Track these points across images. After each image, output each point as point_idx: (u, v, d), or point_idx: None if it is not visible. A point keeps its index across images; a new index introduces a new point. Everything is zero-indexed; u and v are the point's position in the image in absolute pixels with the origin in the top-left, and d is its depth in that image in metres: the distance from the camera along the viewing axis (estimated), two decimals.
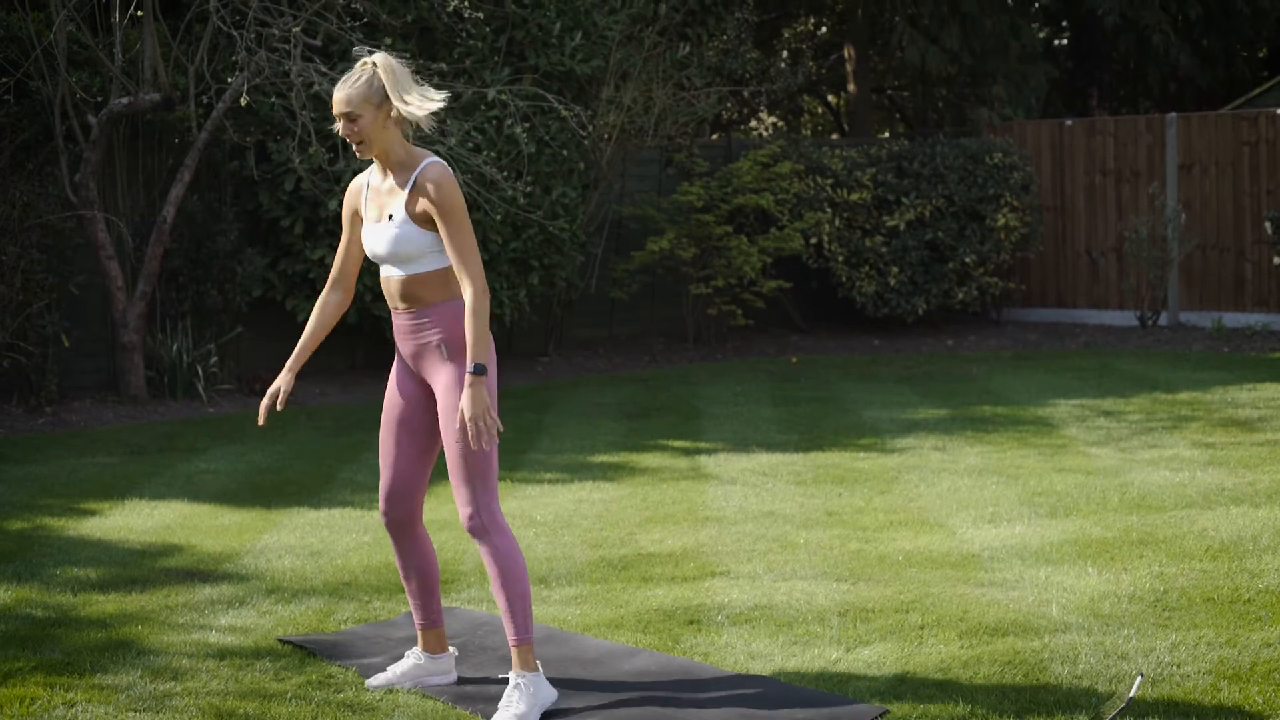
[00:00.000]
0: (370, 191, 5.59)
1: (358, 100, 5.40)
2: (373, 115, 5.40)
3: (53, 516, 8.78)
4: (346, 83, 5.44)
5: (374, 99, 5.40)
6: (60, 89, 12.65)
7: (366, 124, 5.41)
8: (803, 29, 25.90)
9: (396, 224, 5.44)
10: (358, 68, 5.47)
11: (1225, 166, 17.52)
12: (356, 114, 5.40)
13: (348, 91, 5.41)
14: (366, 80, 5.42)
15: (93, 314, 13.34)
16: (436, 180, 5.38)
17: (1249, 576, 6.78)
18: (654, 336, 17.52)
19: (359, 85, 5.41)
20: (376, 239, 5.51)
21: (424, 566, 5.75)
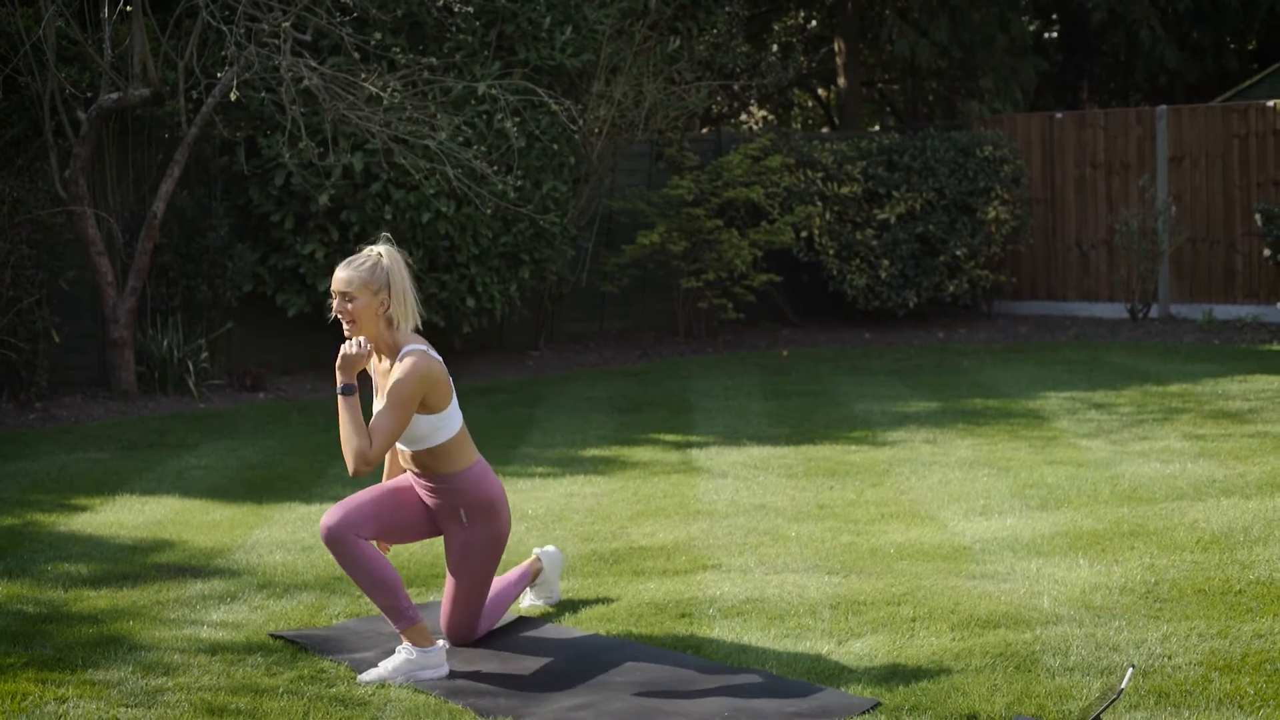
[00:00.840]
0: (375, 373, 5.91)
1: (358, 284, 5.69)
2: (368, 300, 5.70)
3: (43, 512, 8.76)
4: (350, 264, 5.72)
5: (373, 286, 5.70)
6: (49, 84, 12.63)
7: (360, 307, 5.70)
8: (793, 22, 25.89)
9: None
10: (364, 253, 5.77)
11: (1215, 159, 17.53)
12: (354, 295, 5.69)
13: (349, 273, 5.70)
14: (370, 267, 5.72)
15: (83, 309, 13.32)
16: (402, 365, 5.68)
17: (1240, 568, 6.79)
18: (645, 330, 17.52)
19: (362, 270, 5.73)
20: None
21: (377, 571, 5.76)
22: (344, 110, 12.72)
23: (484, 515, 5.87)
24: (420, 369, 5.66)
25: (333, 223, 13.65)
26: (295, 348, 14.59)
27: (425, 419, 5.73)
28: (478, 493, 5.84)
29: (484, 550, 5.91)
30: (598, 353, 16.25)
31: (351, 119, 12.79)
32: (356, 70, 13.06)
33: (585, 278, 16.61)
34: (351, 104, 12.73)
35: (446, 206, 13.66)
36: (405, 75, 13.38)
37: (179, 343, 13.30)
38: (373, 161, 13.39)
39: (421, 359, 5.69)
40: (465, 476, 5.82)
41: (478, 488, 5.84)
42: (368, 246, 5.83)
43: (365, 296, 5.68)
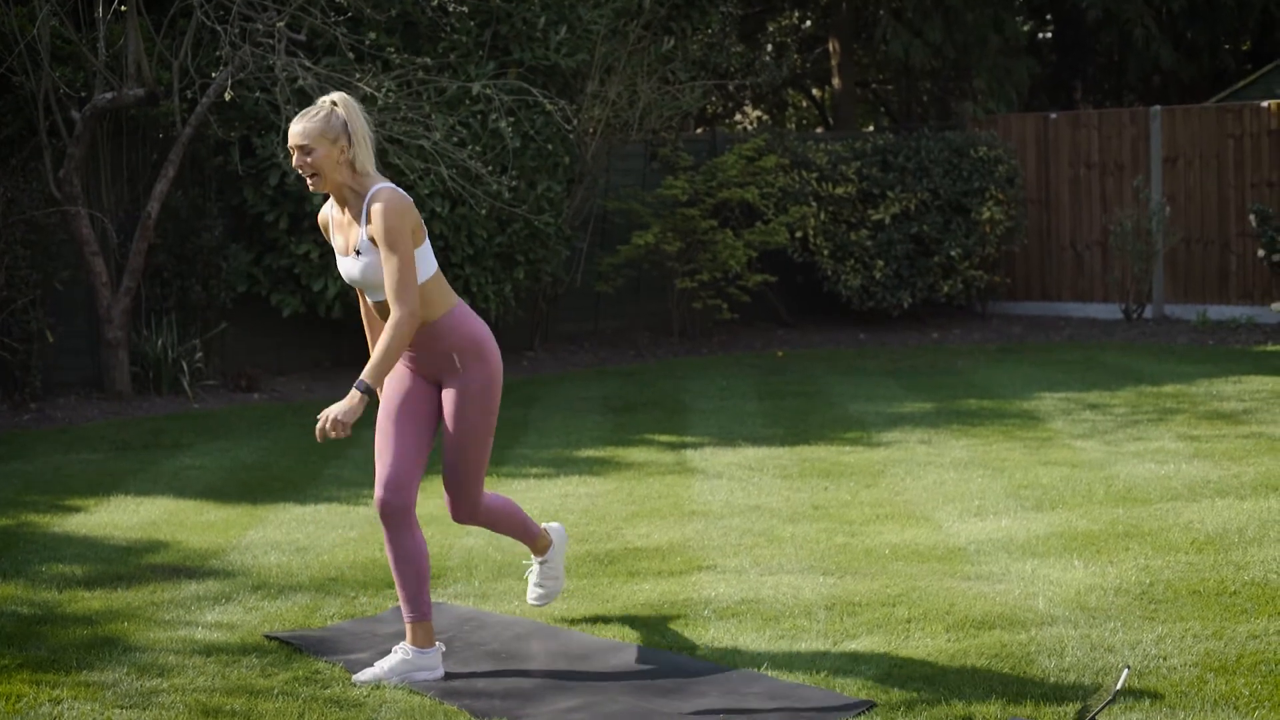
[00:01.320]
0: (333, 224, 5.76)
1: (314, 134, 5.55)
2: (327, 150, 5.57)
3: (38, 513, 8.76)
4: (304, 117, 5.59)
5: (330, 134, 5.57)
6: (44, 84, 12.62)
7: (320, 157, 5.56)
8: (787, 22, 25.90)
9: (364, 255, 5.64)
10: (316, 104, 5.65)
11: (1210, 159, 17.54)
12: (311, 147, 5.56)
13: (304, 125, 5.57)
14: (325, 115, 5.58)
15: (77, 310, 13.31)
16: (377, 209, 5.53)
17: (1235, 569, 6.80)
18: (639, 331, 17.52)
19: (316, 120, 5.58)
20: (350, 270, 5.71)
21: (417, 558, 5.74)
22: None
23: (475, 356, 5.70)
24: (398, 203, 5.53)
25: None
26: (290, 348, 14.59)
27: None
28: (464, 332, 5.69)
29: (480, 397, 5.73)
30: (592, 353, 16.25)
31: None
32: (351, 70, 13.05)
33: (580, 278, 16.61)
34: None
35: (441, 207, 13.65)
36: (400, 75, 13.38)
37: (173, 343, 13.29)
38: None
39: (394, 194, 5.56)
40: (449, 319, 5.67)
41: (463, 327, 5.69)
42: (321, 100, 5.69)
43: (324, 146, 5.55)
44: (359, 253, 5.61)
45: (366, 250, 5.59)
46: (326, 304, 13.81)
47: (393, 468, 5.67)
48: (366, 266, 5.61)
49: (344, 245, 5.70)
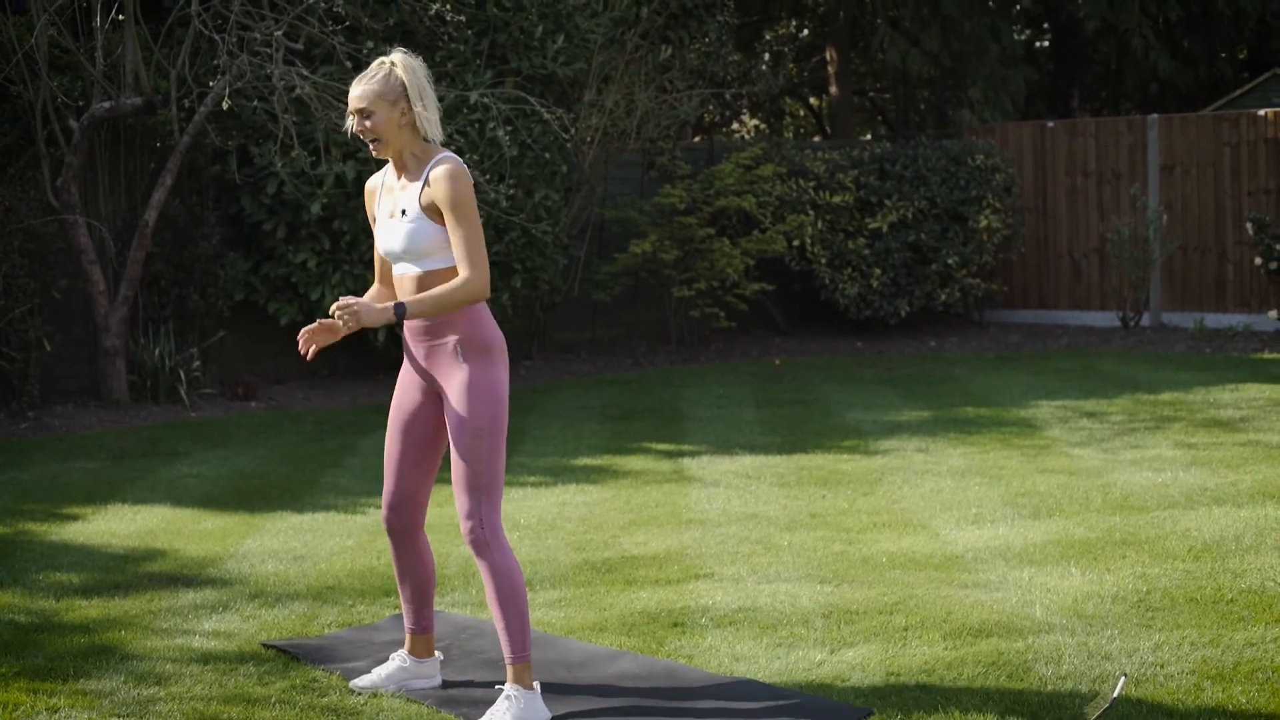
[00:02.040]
0: (384, 190, 5.53)
1: (373, 96, 5.35)
2: (387, 113, 5.35)
3: (35, 521, 8.75)
4: (363, 79, 5.38)
5: (389, 96, 5.35)
6: (41, 93, 12.62)
7: (380, 121, 5.36)
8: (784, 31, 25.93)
9: (410, 219, 5.38)
10: (375, 65, 5.42)
11: (1207, 167, 17.56)
12: (371, 110, 5.35)
13: (364, 88, 5.36)
14: (384, 77, 5.37)
15: (75, 318, 13.31)
16: (445, 174, 5.32)
17: (1232, 576, 6.80)
18: (637, 339, 17.52)
19: (375, 81, 5.36)
20: (390, 235, 5.44)
21: (421, 574, 5.71)
22: (336, 119, 12.72)
23: (481, 354, 5.39)
24: (462, 173, 5.31)
25: (325, 231, 13.65)
26: (287, 357, 14.57)
27: (442, 230, 5.38)
28: (476, 328, 5.39)
29: (484, 398, 5.36)
30: (590, 361, 16.25)
31: (343, 128, 12.78)
32: (348, 79, 13.05)
33: (577, 286, 16.61)
34: (344, 113, 12.73)
35: None
36: None
37: (171, 352, 13.28)
38: (365, 170, 13.38)
39: (458, 165, 5.34)
40: (466, 311, 5.39)
41: (477, 323, 5.40)
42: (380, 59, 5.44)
43: (383, 109, 5.33)
44: (405, 213, 5.38)
45: (417, 217, 5.35)
46: (324, 313, 13.80)
47: (397, 488, 5.62)
48: (414, 232, 5.36)
49: (391, 209, 5.46)
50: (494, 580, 5.32)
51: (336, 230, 13.62)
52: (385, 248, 5.47)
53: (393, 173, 5.52)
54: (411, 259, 5.42)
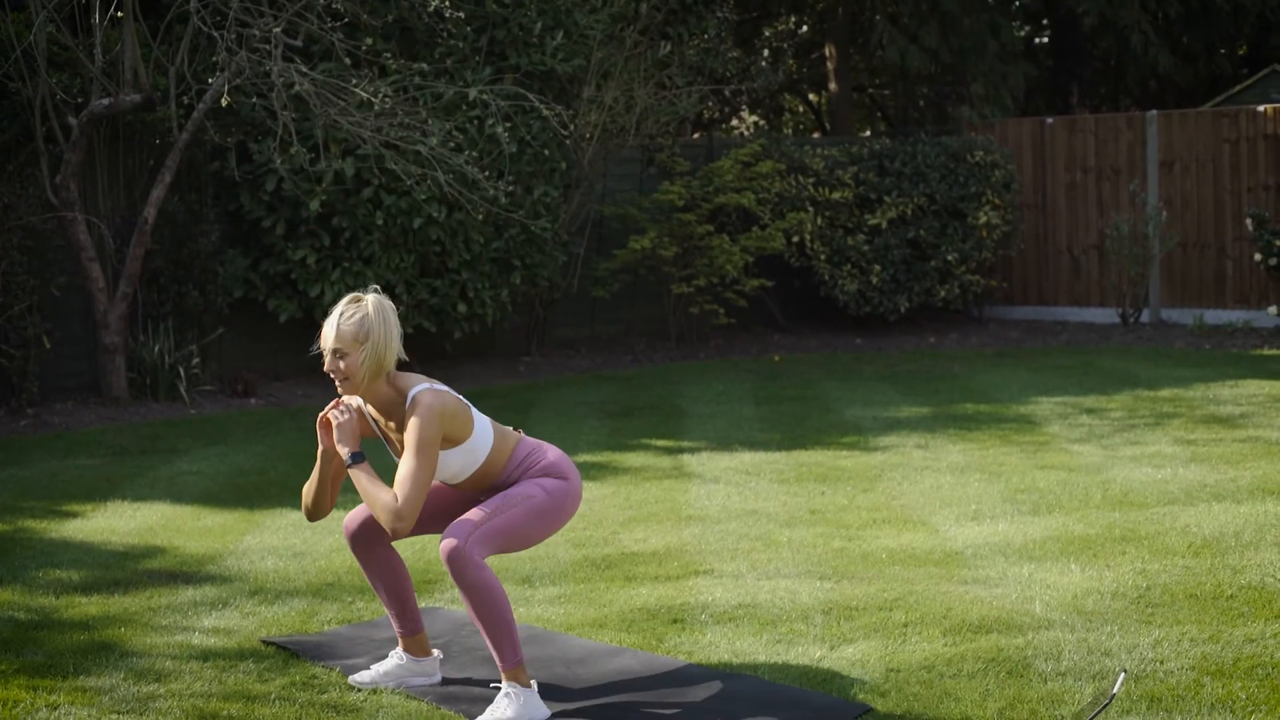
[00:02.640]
0: (380, 426, 5.57)
1: (348, 339, 5.35)
2: (359, 355, 5.35)
3: (34, 519, 8.75)
4: (340, 318, 5.37)
5: (362, 339, 5.35)
6: (40, 90, 12.62)
7: (353, 364, 5.36)
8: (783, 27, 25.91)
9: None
10: (347, 302, 5.41)
11: (1206, 164, 17.55)
12: (345, 352, 5.36)
13: (339, 328, 5.36)
14: (359, 319, 5.36)
15: (74, 315, 13.30)
16: (413, 412, 5.32)
17: (1231, 572, 6.80)
18: (636, 335, 17.51)
19: (351, 323, 5.35)
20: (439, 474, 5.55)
21: (393, 580, 5.73)
22: (335, 116, 12.71)
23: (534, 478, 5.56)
24: (434, 408, 5.31)
25: (324, 228, 13.65)
26: (287, 353, 14.57)
27: (454, 453, 5.45)
28: (536, 463, 5.57)
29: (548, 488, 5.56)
30: (589, 358, 16.25)
31: (343, 124, 12.78)
32: (348, 76, 13.06)
33: (576, 283, 16.61)
34: (343, 109, 12.73)
35: (438, 212, 13.66)
36: (396, 81, 13.39)
37: (170, 348, 13.28)
38: (364, 167, 13.38)
39: (433, 396, 5.35)
40: (516, 465, 5.55)
41: (527, 465, 5.57)
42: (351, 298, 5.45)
43: (356, 352, 5.34)
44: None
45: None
46: (323, 309, 13.78)
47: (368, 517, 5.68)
48: (449, 465, 5.49)
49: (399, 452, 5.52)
50: (471, 597, 5.30)
51: (335, 227, 13.62)
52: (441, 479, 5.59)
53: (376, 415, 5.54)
54: (451, 481, 5.58)
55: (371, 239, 13.64)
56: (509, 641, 5.31)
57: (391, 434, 5.52)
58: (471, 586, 5.27)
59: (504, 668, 5.32)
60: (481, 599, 5.28)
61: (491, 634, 5.31)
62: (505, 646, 5.31)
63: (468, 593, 5.28)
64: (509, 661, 5.31)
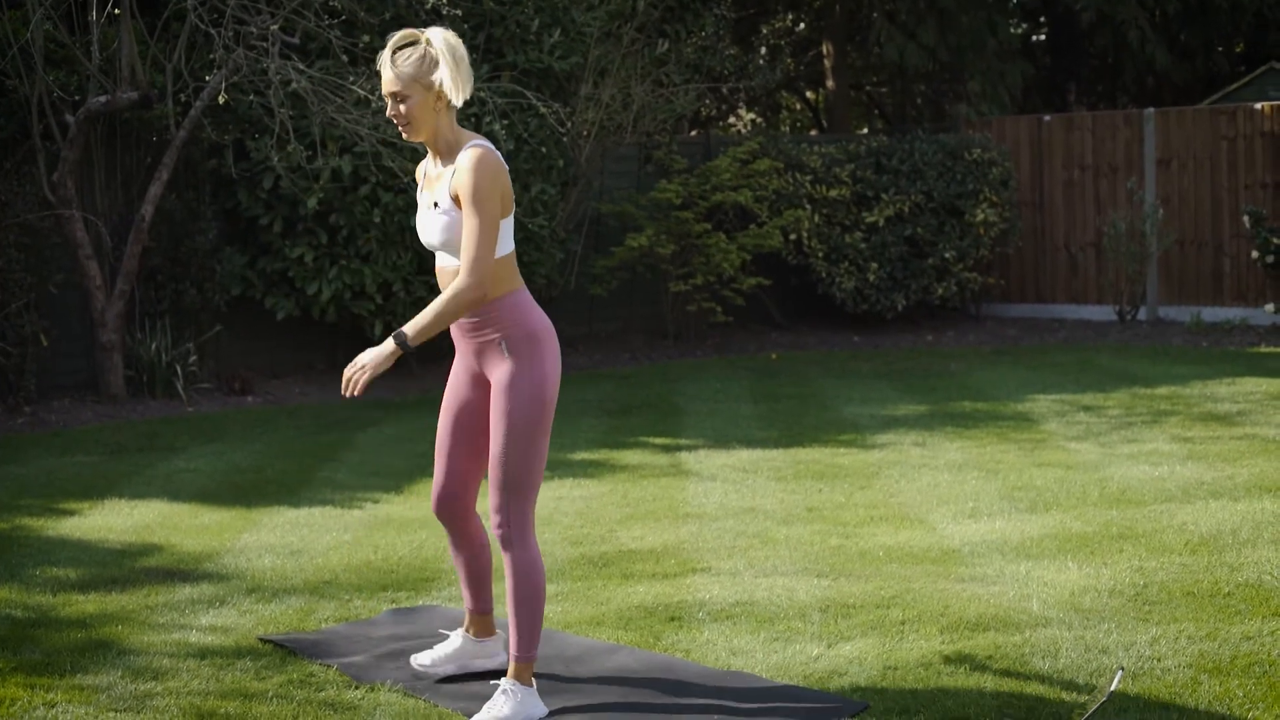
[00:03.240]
0: (425, 178, 5.39)
1: (407, 80, 5.13)
2: (422, 96, 5.15)
3: (31, 516, 8.75)
4: (396, 59, 5.15)
5: (424, 80, 5.13)
6: (37, 87, 12.61)
7: (414, 105, 5.16)
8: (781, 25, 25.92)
9: (442, 210, 5.22)
10: (405, 38, 5.19)
11: (1203, 161, 17.56)
12: (404, 94, 5.16)
13: (397, 70, 5.13)
14: (418, 58, 5.14)
15: (71, 313, 13.30)
16: (466, 164, 5.11)
17: (1228, 570, 6.80)
18: (633, 333, 17.51)
19: (409, 63, 5.13)
20: (427, 227, 5.29)
21: (475, 557, 5.71)
22: (332, 113, 12.71)
23: (526, 347, 5.24)
24: (491, 163, 5.08)
25: (321, 226, 13.64)
26: (284, 351, 14.58)
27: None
28: (518, 318, 5.24)
29: (525, 396, 5.23)
30: (586, 356, 16.25)
31: (340, 122, 12.78)
32: (345, 73, 13.05)
33: (574, 281, 16.61)
34: (340, 107, 12.72)
35: None
36: None
37: (167, 346, 13.28)
38: (361, 164, 13.38)
39: (489, 154, 5.11)
40: (509, 301, 5.24)
41: (519, 313, 5.24)
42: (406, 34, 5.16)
43: (418, 93, 5.10)
44: (437, 205, 5.22)
45: (447, 209, 5.19)
46: (320, 307, 13.81)
47: (446, 478, 5.56)
48: (445, 225, 5.20)
49: (428, 200, 5.30)
50: (514, 578, 5.30)
51: (333, 225, 13.62)
52: (423, 239, 5.34)
53: (432, 159, 5.37)
54: (450, 251, 5.28)
55: (369, 236, 13.64)
56: (530, 630, 5.31)
57: (432, 182, 5.31)
58: (516, 567, 5.29)
59: (516, 656, 5.31)
60: (520, 583, 5.30)
61: (519, 618, 5.30)
62: (526, 634, 5.31)
63: (514, 573, 5.29)
64: (524, 652, 5.31)
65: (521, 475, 5.26)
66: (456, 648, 5.74)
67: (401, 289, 13.90)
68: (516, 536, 5.29)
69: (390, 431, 11.64)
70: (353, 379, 5.16)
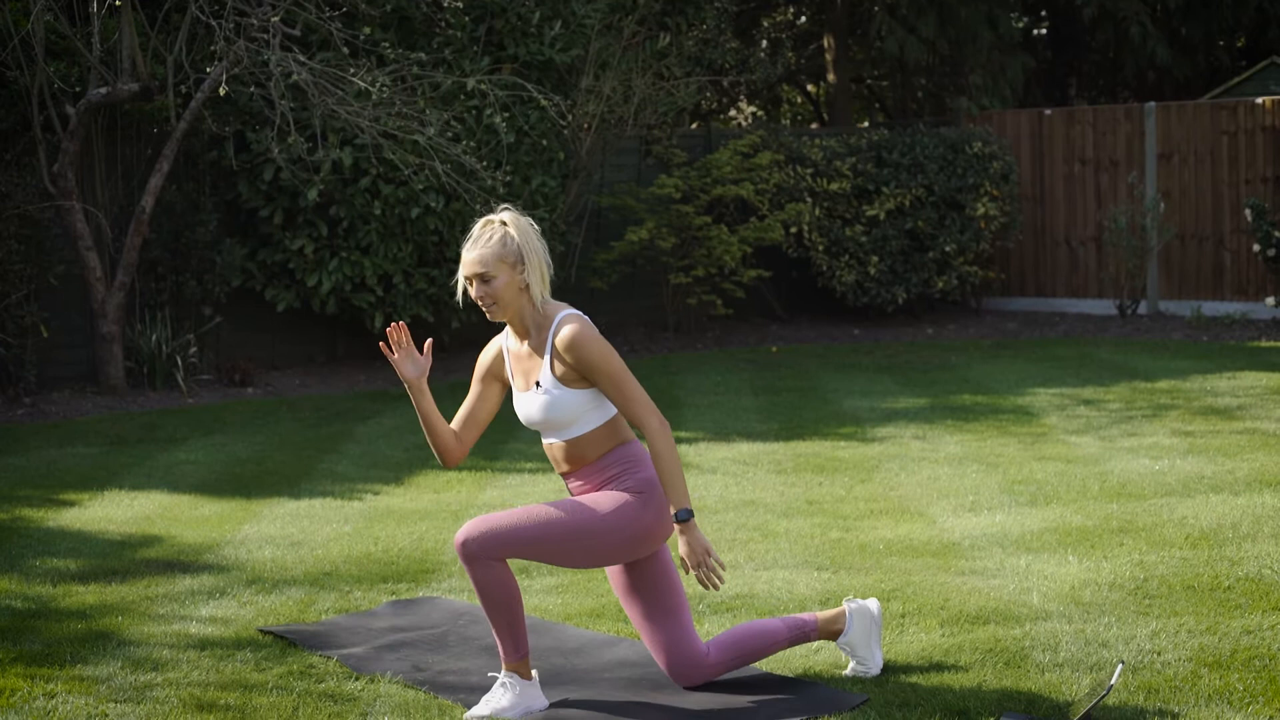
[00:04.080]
0: (510, 356, 5.38)
1: (492, 261, 5.17)
2: (508, 277, 5.19)
3: (32, 507, 8.75)
4: (479, 242, 5.21)
5: (509, 259, 5.19)
6: (38, 79, 12.60)
7: (501, 286, 5.19)
8: (781, 18, 25.89)
9: (545, 391, 5.24)
10: (483, 226, 5.24)
11: (1204, 155, 17.55)
12: (491, 275, 5.18)
13: (481, 252, 5.18)
14: (500, 239, 5.20)
15: (71, 304, 13.30)
16: (573, 339, 5.18)
17: (1228, 564, 6.80)
18: (634, 326, 17.51)
19: (493, 245, 5.19)
20: (529, 408, 5.30)
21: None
22: (333, 105, 12.70)
23: (645, 490, 5.27)
24: (589, 332, 5.19)
25: (321, 218, 13.64)
26: (284, 343, 14.58)
27: (586, 393, 5.25)
28: (635, 473, 5.29)
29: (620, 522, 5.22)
30: None
31: (340, 114, 12.77)
32: (345, 65, 13.04)
33: (574, 274, 16.59)
34: (340, 99, 12.72)
35: (435, 201, 13.65)
36: (394, 70, 13.37)
37: (167, 338, 13.28)
38: (362, 156, 13.37)
39: (581, 324, 5.21)
40: (624, 452, 5.31)
41: (636, 460, 5.30)
42: (484, 221, 5.27)
43: (504, 274, 5.16)
44: (539, 385, 5.24)
45: (551, 386, 5.22)
46: (320, 299, 13.81)
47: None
48: (551, 404, 5.23)
49: (524, 382, 5.31)
50: (480, 591, 5.22)
51: (333, 216, 13.61)
52: (525, 419, 5.33)
53: (513, 336, 5.36)
54: (555, 431, 5.31)
55: (369, 228, 13.63)
56: (510, 639, 5.26)
57: (523, 360, 5.32)
58: (478, 582, 5.20)
59: (505, 663, 5.31)
60: (487, 597, 5.21)
61: (496, 630, 5.28)
62: (507, 644, 5.26)
63: (476, 586, 5.22)
64: (510, 658, 5.29)
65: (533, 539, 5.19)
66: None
67: (402, 281, 13.90)
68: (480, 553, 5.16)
69: (390, 423, 11.64)
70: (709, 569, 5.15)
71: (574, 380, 5.23)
